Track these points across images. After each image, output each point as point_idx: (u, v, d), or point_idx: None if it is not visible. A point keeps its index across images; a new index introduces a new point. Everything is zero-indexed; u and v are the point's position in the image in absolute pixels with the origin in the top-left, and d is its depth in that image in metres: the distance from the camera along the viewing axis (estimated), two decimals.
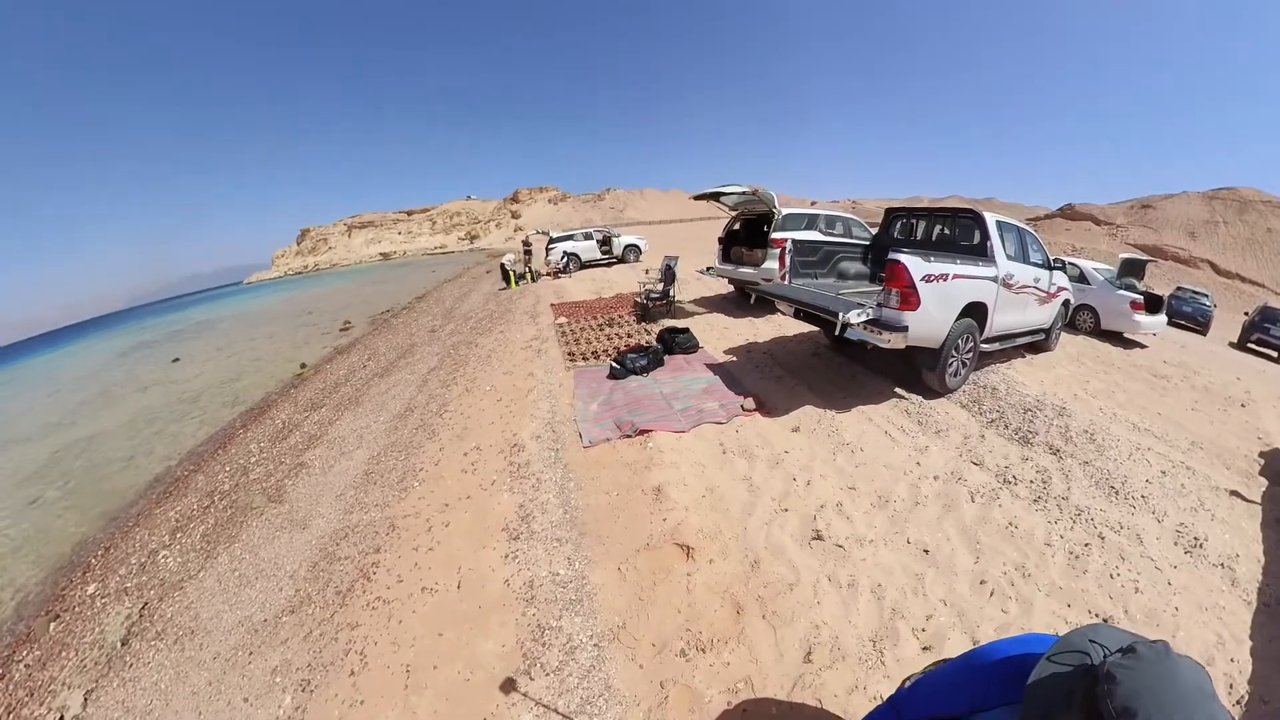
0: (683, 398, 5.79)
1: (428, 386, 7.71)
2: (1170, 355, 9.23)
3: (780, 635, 2.74)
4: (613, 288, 14.44)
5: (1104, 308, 9.85)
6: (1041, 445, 4.86)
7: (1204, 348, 11.93)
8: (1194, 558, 3.56)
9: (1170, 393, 6.97)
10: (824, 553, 3.35)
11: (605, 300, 12.44)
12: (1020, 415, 5.43)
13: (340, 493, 5.05)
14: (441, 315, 15.50)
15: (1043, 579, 3.22)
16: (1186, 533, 3.80)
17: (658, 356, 6.93)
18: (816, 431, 5.00)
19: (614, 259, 20.85)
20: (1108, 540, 3.62)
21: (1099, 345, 9.21)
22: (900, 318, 4.85)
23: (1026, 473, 4.39)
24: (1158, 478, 4.51)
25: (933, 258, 5.10)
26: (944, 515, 3.79)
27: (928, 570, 3.25)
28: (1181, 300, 16.08)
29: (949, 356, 5.52)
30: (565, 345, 8.37)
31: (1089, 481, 4.33)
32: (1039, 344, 7.80)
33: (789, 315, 6.05)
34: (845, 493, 4.02)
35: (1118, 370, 7.77)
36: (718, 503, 3.90)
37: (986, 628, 2.83)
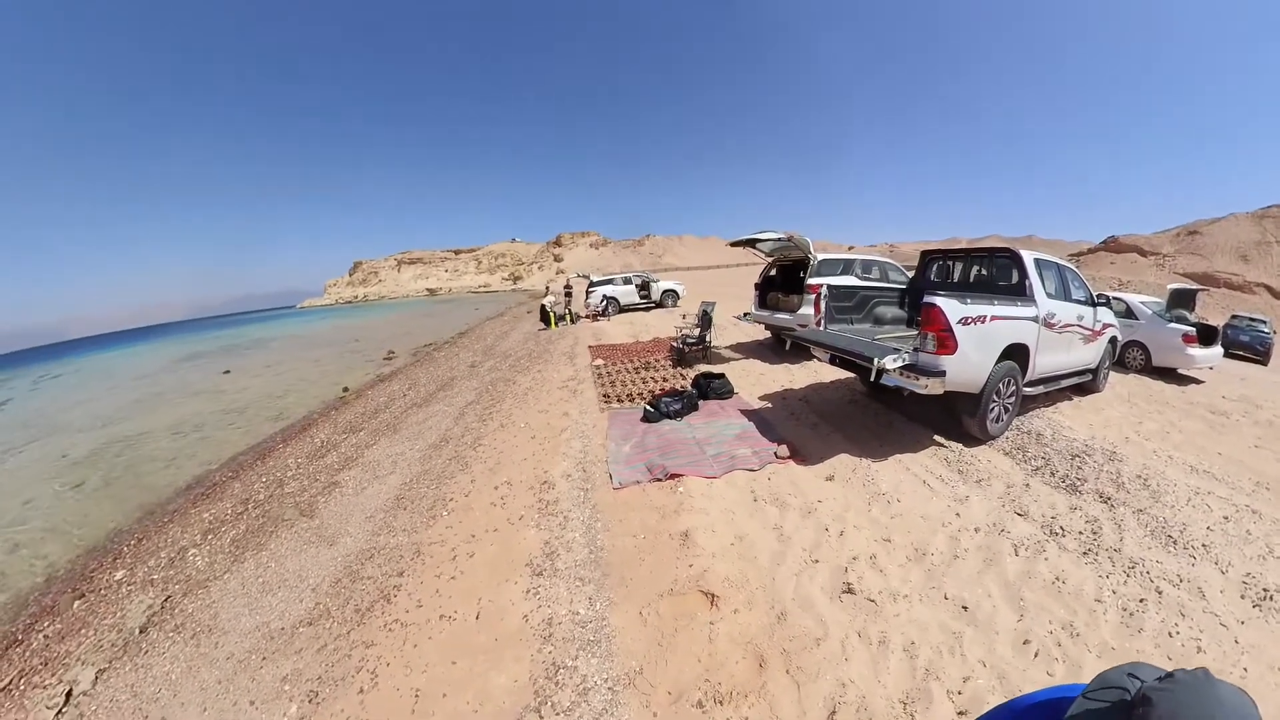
0: (715, 443, 5.76)
1: (464, 419, 7.94)
2: (1229, 390, 8.72)
3: (804, 692, 2.64)
4: (650, 332, 14.71)
5: (1154, 343, 9.47)
6: (1091, 493, 4.60)
7: (1267, 379, 11.09)
8: (1264, 611, 3.22)
9: (1231, 430, 6.52)
10: (855, 607, 3.24)
11: (642, 344, 12.64)
12: (1068, 461, 5.19)
13: (370, 514, 5.24)
14: (482, 352, 16.00)
15: (1093, 639, 2.97)
16: (1254, 583, 3.45)
17: (692, 401, 6.94)
18: (851, 480, 4.89)
19: (652, 304, 21.39)
20: (1165, 595, 3.33)
21: (1151, 383, 8.80)
22: (937, 362, 4.79)
23: (1075, 523, 4.13)
24: (1220, 524, 4.16)
25: (969, 299, 5.03)
26: (985, 569, 3.58)
27: (966, 628, 3.04)
28: (1238, 329, 15.55)
29: (990, 401, 5.38)
30: (601, 387, 8.47)
31: (1144, 531, 4.04)
32: (1086, 385, 7.54)
33: (825, 361, 6.06)
34: (879, 544, 3.89)
35: (1172, 409, 7.33)
36: (746, 551, 3.83)
37: (1026, 686, 2.62)
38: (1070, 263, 6.91)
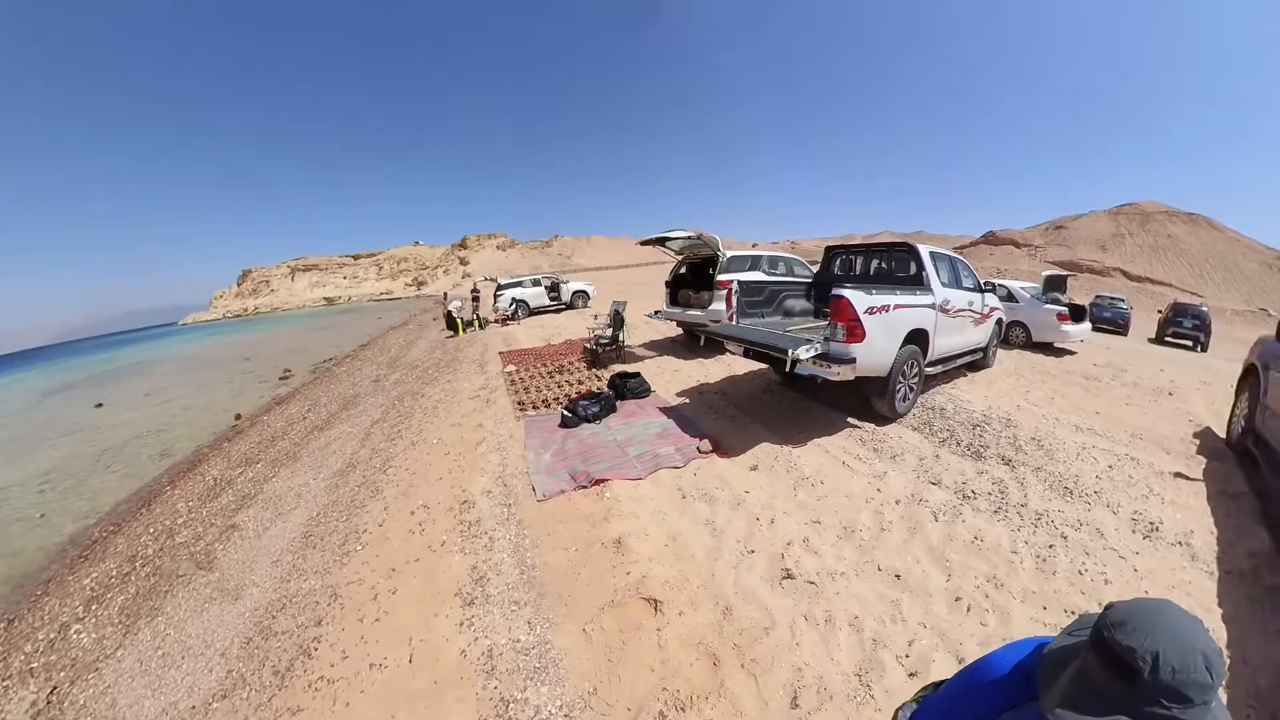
0: (638, 443, 5.68)
1: (371, 440, 7.32)
2: (1098, 358, 10.09)
3: (762, 683, 2.61)
4: (562, 334, 14.40)
5: (1034, 322, 10.71)
6: (994, 457, 5.01)
7: (1127, 347, 13.28)
8: (1153, 541, 3.73)
9: (1104, 392, 7.50)
10: (796, 591, 3.26)
11: (554, 347, 12.34)
12: (970, 431, 5.58)
13: (276, 558, 4.65)
14: (387, 364, 15.06)
15: (1015, 586, 3.26)
16: (1142, 519, 3.98)
17: (610, 403, 6.82)
18: (775, 468, 4.96)
19: (562, 305, 21.03)
20: (1070, 539, 3.73)
21: (1033, 357, 9.91)
22: (847, 350, 4.99)
23: (984, 485, 4.49)
24: (1106, 472, 4.73)
25: (874, 291, 5.30)
26: (910, 538, 3.78)
27: (902, 595, 3.20)
28: (1101, 307, 18.15)
29: (897, 383, 5.70)
30: (515, 394, 8.16)
31: (1044, 486, 4.48)
32: (978, 362, 8.20)
33: (738, 355, 6.11)
34: (810, 527, 3.95)
35: (1053, 378, 8.26)
36: (682, 550, 3.76)
37: (970, 644, 2.78)
38: (958, 255, 7.55)
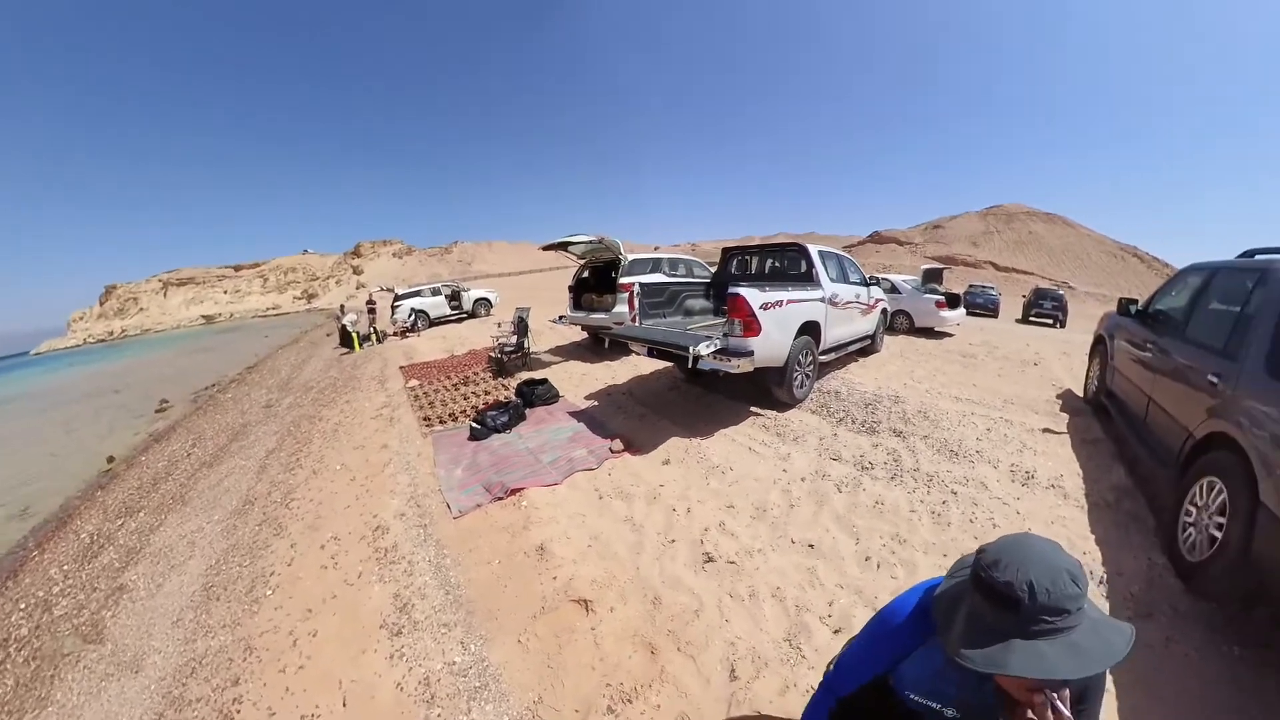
0: (550, 449, 5.66)
1: (268, 472, 6.75)
2: (973, 338, 11.35)
3: (700, 662, 2.70)
4: (465, 344, 13.91)
5: (915, 310, 11.91)
6: (886, 431, 5.47)
7: (998, 327, 15.32)
8: (1030, 487, 4.34)
9: (979, 367, 8.45)
10: (719, 573, 3.38)
11: (458, 358, 11.92)
12: (863, 410, 6.04)
13: (177, 618, 4.10)
14: (278, 387, 13.92)
15: (916, 540, 3.63)
16: (1019, 470, 4.61)
17: (519, 411, 6.75)
18: (686, 461, 5.10)
19: (464, 314, 20.25)
20: (960, 494, 4.22)
21: (916, 341, 10.96)
22: (745, 344, 5.24)
23: (880, 456, 4.91)
24: (985, 434, 5.39)
25: (768, 288, 5.63)
26: (819, 510, 4.06)
27: (817, 563, 3.43)
28: (974, 295, 21.04)
29: (793, 371, 6.03)
30: (419, 410, 7.86)
31: (932, 451, 5.01)
32: (868, 348, 8.88)
33: (643, 355, 6.26)
34: (725, 512, 4.11)
35: (935, 358, 9.14)
36: (605, 549, 3.79)
37: (884, 597, 3.04)
38: (846, 253, 8.20)
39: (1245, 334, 3.23)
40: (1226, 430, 3.02)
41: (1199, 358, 3.68)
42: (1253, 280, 3.46)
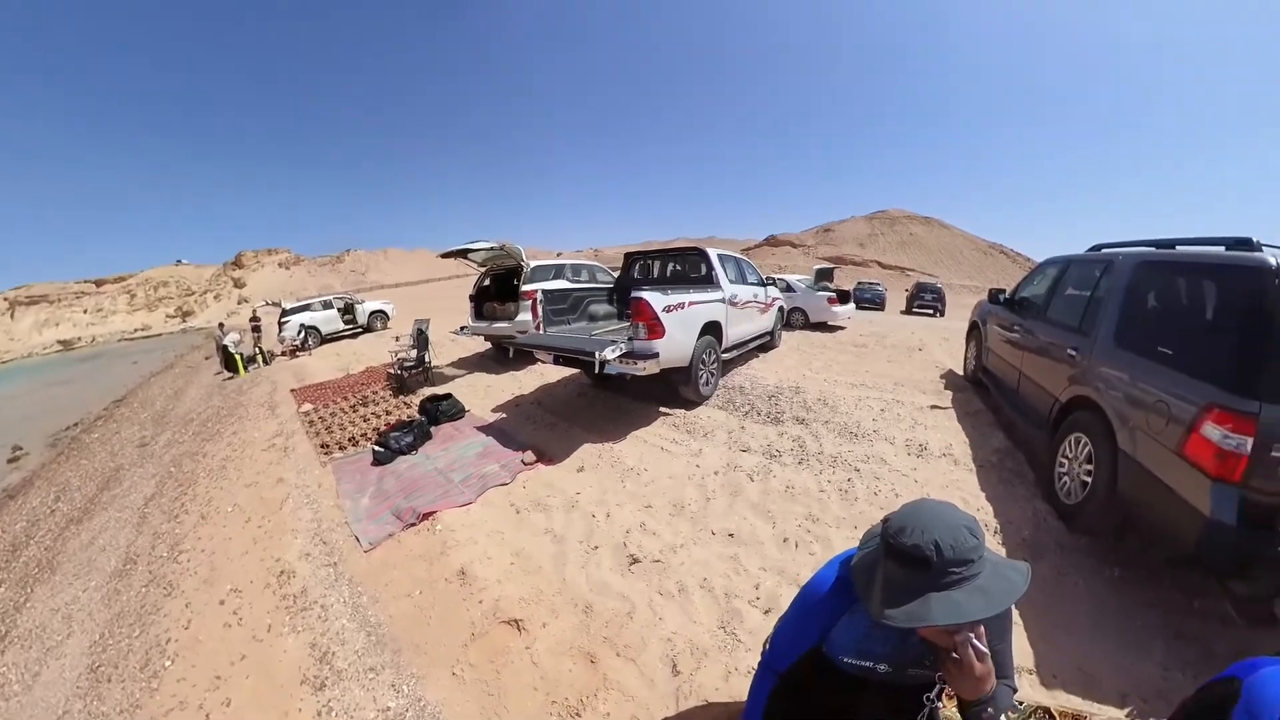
0: (460, 467, 5.46)
1: (150, 523, 5.90)
2: (864, 330, 12.23)
3: (641, 663, 2.71)
4: (361, 361, 13.02)
5: (810, 307, 12.66)
6: (790, 420, 5.75)
7: (885, 319, 16.66)
8: (924, 458, 4.82)
9: (870, 356, 9.11)
10: (646, 572, 3.40)
11: (355, 377, 11.11)
12: (767, 402, 6.29)
13: (62, 711, 3.44)
14: (153, 422, 12.16)
15: (828, 518, 3.89)
16: (913, 443, 5.09)
17: (424, 430, 6.46)
18: (600, 466, 5.09)
19: (359, 328, 18.88)
20: (862, 470, 4.57)
21: (812, 335, 11.59)
22: (651, 346, 5.31)
23: (785, 444, 5.16)
24: (880, 415, 5.84)
25: (670, 291, 5.74)
26: (734, 500, 4.19)
27: (739, 550, 3.55)
28: (862, 290, 22.93)
29: (698, 370, 6.17)
30: (316, 436, 7.33)
31: (834, 434, 5.36)
32: (767, 344, 9.25)
33: (549, 363, 6.23)
34: (644, 512, 4.14)
35: (829, 349, 9.73)
36: (528, 564, 3.70)
37: (805, 573, 3.19)
38: (744, 255, 8.56)
39: (1096, 313, 3.94)
40: (1086, 394, 3.69)
41: (1059, 335, 4.41)
42: (1100, 269, 4.21)
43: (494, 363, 10.63)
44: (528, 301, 8.00)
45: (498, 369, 10.00)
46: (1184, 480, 2.73)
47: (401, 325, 17.54)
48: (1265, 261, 2.69)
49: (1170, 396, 2.91)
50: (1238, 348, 2.68)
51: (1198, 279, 3.24)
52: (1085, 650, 2.75)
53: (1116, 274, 3.95)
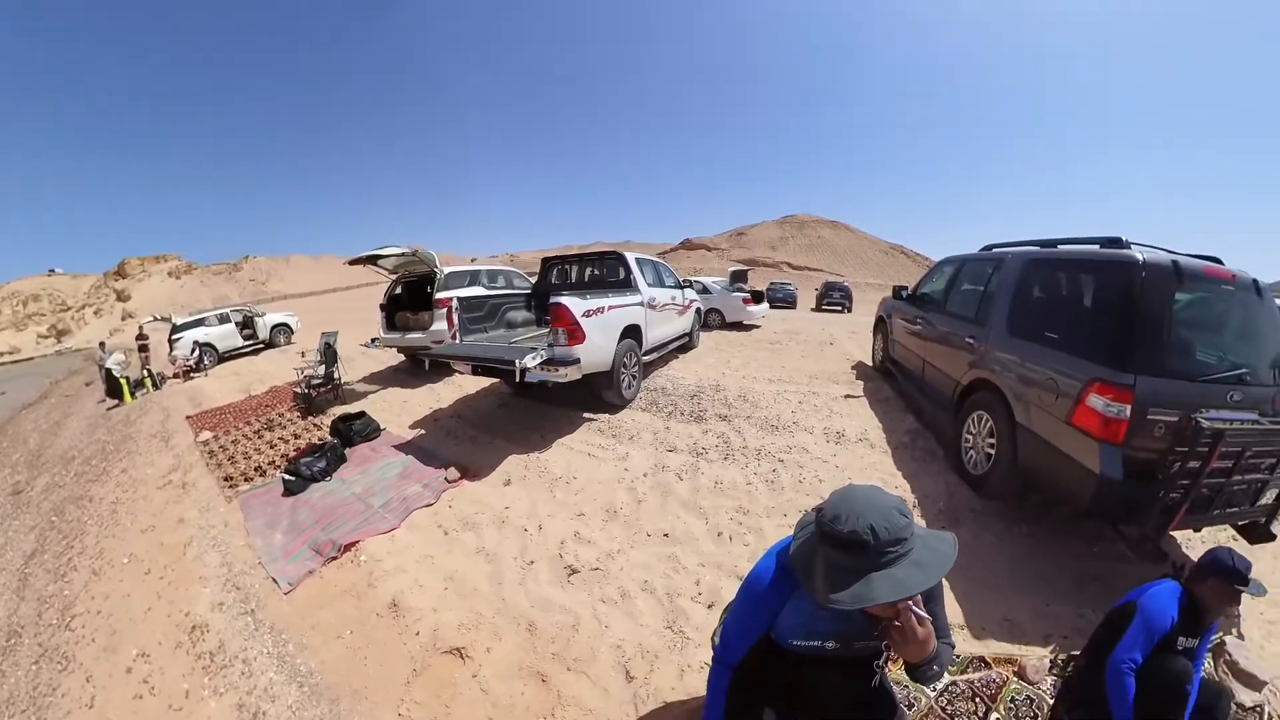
0: (380, 491, 5.15)
1: (33, 585, 5.03)
2: (778, 327, 12.83)
3: (594, 675, 2.67)
4: (265, 380, 11.75)
5: (726, 307, 13.08)
6: (713, 417, 5.90)
7: (797, 317, 17.84)
8: (842, 444, 5.16)
9: (785, 352, 9.53)
10: (586, 582, 3.37)
11: (258, 398, 10.13)
12: (690, 401, 6.43)
13: None
14: (26, 464, 10.27)
15: (758, 508, 4.04)
16: (831, 431, 5.42)
17: (337, 453, 6.07)
18: (528, 478, 4.98)
19: (260, 344, 17.00)
20: (786, 460, 4.78)
21: (729, 334, 11.98)
22: (571, 352, 5.27)
23: (711, 441, 5.29)
24: (798, 407, 6.16)
25: (589, 296, 5.76)
26: (665, 500, 4.24)
27: (675, 548, 3.60)
28: (775, 290, 24.30)
29: (620, 374, 6.18)
30: (218, 468, 6.65)
31: (756, 428, 5.56)
32: (687, 345, 9.40)
33: (467, 374, 6.03)
34: (577, 521, 4.09)
35: (746, 347, 10.08)
36: (464, 587, 3.54)
37: (742, 564, 3.31)
38: (661, 259, 8.67)
39: (990, 305, 4.50)
40: (985, 376, 4.20)
41: (958, 325, 4.97)
42: (992, 266, 4.78)
43: (409, 376, 10.11)
44: (442, 310, 7.75)
45: (413, 382, 9.52)
46: (1075, 445, 3.18)
47: (307, 339, 15.91)
48: (1134, 257, 3.19)
49: (1058, 375, 3.39)
50: (1113, 330, 3.18)
51: (1077, 273, 3.79)
52: (1008, 601, 3.12)
53: (1007, 270, 4.49)
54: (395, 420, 7.33)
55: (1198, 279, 3.18)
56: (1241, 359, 3.20)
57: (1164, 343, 3.04)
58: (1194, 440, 2.78)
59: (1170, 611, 2.07)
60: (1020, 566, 3.41)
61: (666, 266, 8.71)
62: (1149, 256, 3.19)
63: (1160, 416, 2.95)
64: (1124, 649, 2.04)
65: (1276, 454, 3.12)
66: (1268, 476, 3.19)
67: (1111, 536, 3.69)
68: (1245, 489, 3.18)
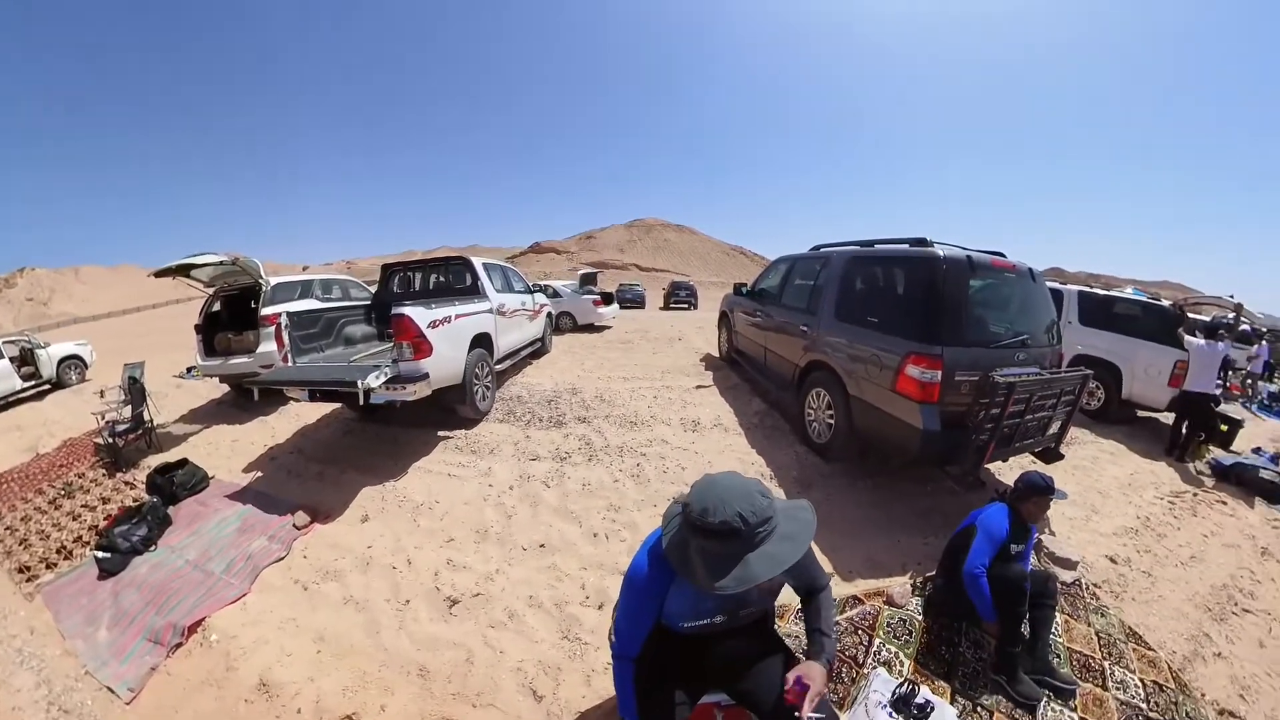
0: (219, 553, 4.36)
1: None
2: (629, 327, 13.34)
3: (501, 704, 2.57)
4: (55, 433, 8.60)
5: (577, 310, 13.35)
6: (573, 420, 5.95)
7: (646, 316, 18.81)
8: (699, 432, 5.54)
9: (638, 350, 9.99)
10: (470, 611, 3.22)
11: (49, 457, 7.63)
12: (547, 407, 6.38)
13: None
14: None
15: (628, 504, 4.20)
16: (688, 421, 5.79)
17: (159, 514, 5.07)
18: (386, 510, 4.59)
19: (46, 384, 12.66)
20: (648, 454, 5.00)
21: (582, 336, 12.20)
22: (418, 367, 4.96)
23: (573, 444, 5.33)
24: (654, 401, 6.43)
25: (434, 305, 5.47)
26: (536, 511, 4.20)
27: (554, 557, 3.60)
28: (624, 291, 25.33)
29: (473, 385, 5.93)
30: (8, 558, 5.33)
31: (615, 427, 5.71)
32: (539, 350, 9.30)
33: (304, 400, 5.42)
34: (448, 547, 3.89)
35: (599, 349, 10.31)
36: (338, 645, 3.14)
37: (623, 560, 3.41)
38: (509, 264, 8.48)
39: (820, 297, 5.17)
40: (820, 358, 4.88)
41: (793, 316, 5.64)
42: (820, 264, 5.44)
43: (236, 410, 8.54)
44: (270, 328, 6.78)
45: (242, 417, 8.09)
46: (900, 407, 3.85)
47: (106, 374, 12.17)
48: (936, 253, 3.91)
49: (881, 351, 4.08)
50: (922, 312, 3.88)
51: (891, 267, 4.52)
52: (866, 545, 3.72)
53: (833, 267, 5.15)
54: (225, 465, 6.30)
55: (987, 269, 4.06)
56: (1023, 328, 4.19)
57: (963, 320, 3.81)
58: (993, 393, 3.51)
59: (1004, 525, 2.70)
60: (870, 514, 4.10)
61: (515, 271, 8.57)
62: (948, 252, 3.92)
63: (965, 377, 3.68)
64: (973, 559, 2.63)
65: (1056, 395, 4.12)
66: (1051, 413, 4.22)
67: (939, 477, 4.49)
68: (1036, 424, 4.13)
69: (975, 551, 2.63)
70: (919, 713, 2.26)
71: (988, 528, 2.68)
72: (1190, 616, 3.43)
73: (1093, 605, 3.35)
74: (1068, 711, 2.54)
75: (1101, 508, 4.75)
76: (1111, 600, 3.46)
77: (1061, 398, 4.21)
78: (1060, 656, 2.87)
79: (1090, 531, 4.30)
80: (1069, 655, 2.91)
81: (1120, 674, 2.82)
